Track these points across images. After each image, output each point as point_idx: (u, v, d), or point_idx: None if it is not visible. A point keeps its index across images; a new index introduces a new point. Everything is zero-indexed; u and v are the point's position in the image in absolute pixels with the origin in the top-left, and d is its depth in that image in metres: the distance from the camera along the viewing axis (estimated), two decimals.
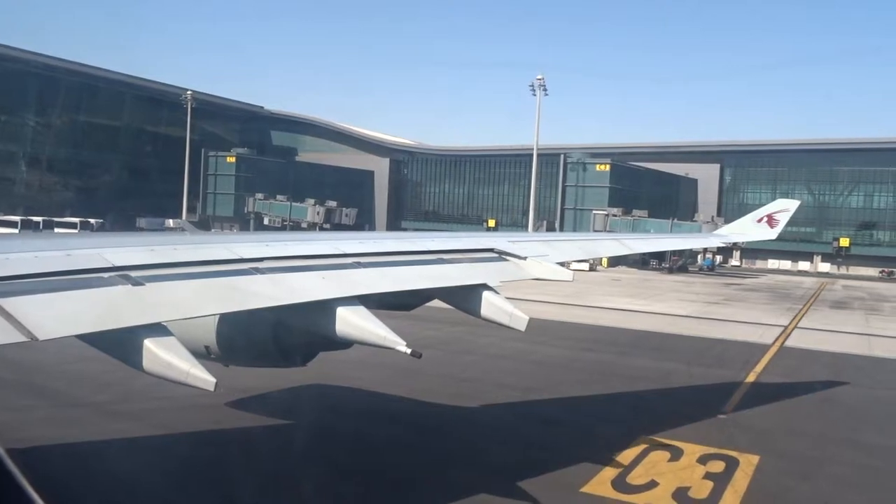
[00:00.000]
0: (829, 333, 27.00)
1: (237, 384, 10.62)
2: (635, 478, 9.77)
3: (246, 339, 6.42)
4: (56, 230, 62.76)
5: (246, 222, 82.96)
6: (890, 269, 75.27)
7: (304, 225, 77.84)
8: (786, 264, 79.59)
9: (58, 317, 3.88)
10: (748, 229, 12.61)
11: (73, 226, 64.27)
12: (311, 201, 79.78)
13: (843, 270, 78.56)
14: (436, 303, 7.07)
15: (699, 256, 67.67)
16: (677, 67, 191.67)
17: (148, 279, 4.52)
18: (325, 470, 9.47)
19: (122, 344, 4.20)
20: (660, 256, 62.43)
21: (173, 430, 10.69)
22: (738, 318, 30.28)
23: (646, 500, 9.00)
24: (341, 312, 5.33)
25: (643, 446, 11.13)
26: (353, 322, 5.32)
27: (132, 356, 4.14)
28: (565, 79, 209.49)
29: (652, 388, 15.95)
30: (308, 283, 5.44)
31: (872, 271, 76.56)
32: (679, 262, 63.93)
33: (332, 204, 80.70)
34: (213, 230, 75.74)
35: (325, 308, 5.33)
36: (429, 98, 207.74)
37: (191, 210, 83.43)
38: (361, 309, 5.39)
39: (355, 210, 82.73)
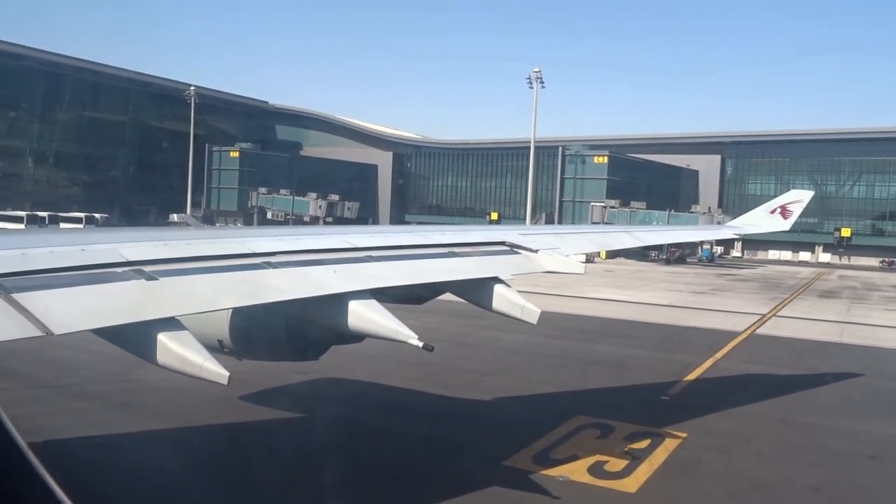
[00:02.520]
0: (804, 321, 27.37)
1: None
2: (558, 453, 10.27)
3: (259, 333, 6.44)
4: (61, 225, 63.85)
5: (249, 216, 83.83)
6: (891, 259, 75.15)
7: (306, 219, 78.63)
8: (787, 255, 79.63)
9: (73, 311, 3.91)
10: (761, 221, 12.43)
11: (78, 220, 65.29)
12: (314, 195, 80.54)
13: (844, 260, 78.52)
14: (447, 296, 7.19)
15: (699, 247, 67.81)
16: (680, 60, 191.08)
17: (162, 274, 4.55)
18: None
19: (136, 338, 4.24)
20: (660, 248, 62.66)
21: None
22: (719, 307, 30.67)
23: (561, 472, 9.49)
24: (353, 306, 5.34)
25: (577, 424, 11.66)
26: (366, 316, 5.35)
27: (146, 350, 4.18)
28: (569, 72, 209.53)
29: (605, 371, 16.49)
30: (320, 277, 5.45)
31: (874, 261, 76.47)
32: (677, 254, 64.12)
33: (335, 198, 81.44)
34: (216, 224, 76.73)
35: (338, 302, 5.35)
36: (434, 92, 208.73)
37: (195, 205, 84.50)
38: (373, 303, 5.41)
39: (357, 204, 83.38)
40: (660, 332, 22.74)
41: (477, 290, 6.61)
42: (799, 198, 12.57)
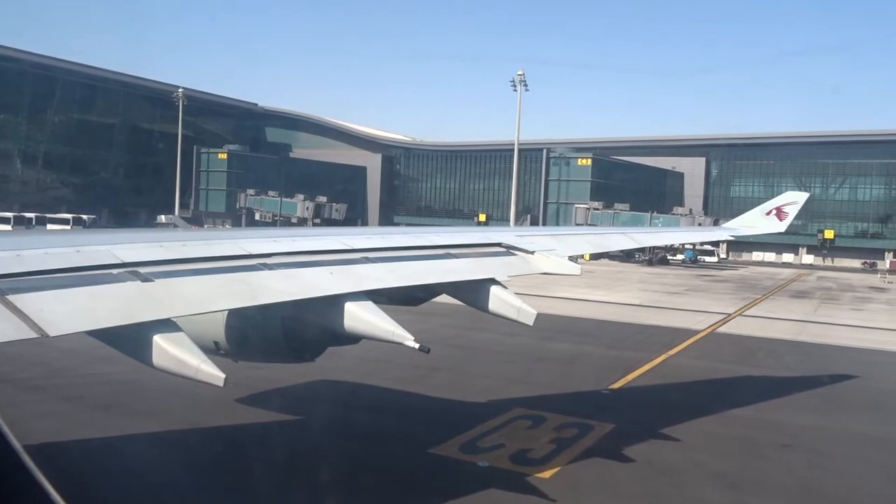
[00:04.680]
0: (768, 320, 27.98)
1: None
2: (486, 441, 10.79)
3: (255, 334, 6.42)
4: (48, 226, 64.16)
5: (237, 218, 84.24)
6: (872, 261, 75.98)
7: (293, 220, 79.13)
8: (771, 256, 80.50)
9: (68, 313, 3.88)
10: (757, 222, 12.44)
11: (65, 222, 65.61)
12: (301, 197, 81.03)
13: (828, 262, 79.38)
14: (443, 297, 7.31)
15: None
16: (667, 61, 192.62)
17: (157, 275, 4.54)
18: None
19: (131, 340, 4.21)
20: (642, 249, 63.27)
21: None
22: (687, 306, 31.26)
23: (483, 459, 9.99)
24: (349, 307, 5.34)
25: (512, 416, 12.20)
26: (361, 317, 5.35)
27: (142, 352, 4.16)
28: (558, 73, 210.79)
29: (555, 367, 17.02)
30: (316, 278, 5.44)
31: (857, 263, 77.38)
32: (659, 255, 64.78)
33: (322, 199, 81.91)
34: (205, 226, 77.10)
35: (334, 303, 5.35)
36: (425, 94, 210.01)
37: (184, 206, 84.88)
38: (369, 304, 5.42)
39: (345, 205, 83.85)
40: (621, 331, 23.31)
41: (473, 292, 6.64)
42: (794, 199, 12.69)
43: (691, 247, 67.63)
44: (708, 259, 69.79)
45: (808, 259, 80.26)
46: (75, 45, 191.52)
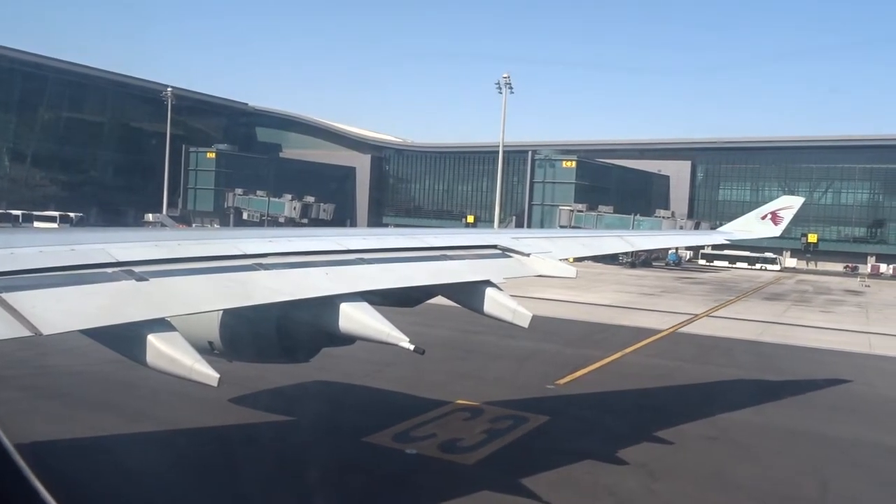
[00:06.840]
0: (733, 321, 28.46)
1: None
2: (420, 431, 11.21)
3: (249, 334, 6.40)
4: (35, 224, 64.38)
5: (226, 217, 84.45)
6: (854, 265, 76.67)
7: (281, 220, 79.45)
8: None
9: (62, 311, 3.88)
10: (753, 226, 12.49)
11: (52, 220, 65.81)
12: (289, 197, 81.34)
13: (811, 266, 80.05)
14: (439, 299, 7.28)
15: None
16: (660, 64, 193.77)
17: (152, 274, 4.54)
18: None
19: (125, 339, 4.21)
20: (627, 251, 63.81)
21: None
22: (658, 307, 31.72)
23: (413, 448, 10.41)
24: (344, 308, 5.33)
25: (451, 409, 12.60)
26: (356, 318, 5.34)
27: (136, 351, 4.15)
28: (549, 73, 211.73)
29: (509, 363, 17.40)
30: (312, 278, 5.46)
31: (840, 267, 78.10)
32: (642, 257, 65.25)
33: (310, 199, 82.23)
34: (193, 225, 77.38)
35: (329, 304, 5.34)
36: (415, 94, 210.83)
37: (172, 205, 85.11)
38: (364, 305, 5.41)
39: (333, 205, 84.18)
40: (584, 330, 23.74)
41: (469, 294, 6.64)
42: (789, 204, 12.81)
43: (674, 250, 68.22)
44: (770, 267, 71.31)
45: (791, 262, 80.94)
46: (67, 44, 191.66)
